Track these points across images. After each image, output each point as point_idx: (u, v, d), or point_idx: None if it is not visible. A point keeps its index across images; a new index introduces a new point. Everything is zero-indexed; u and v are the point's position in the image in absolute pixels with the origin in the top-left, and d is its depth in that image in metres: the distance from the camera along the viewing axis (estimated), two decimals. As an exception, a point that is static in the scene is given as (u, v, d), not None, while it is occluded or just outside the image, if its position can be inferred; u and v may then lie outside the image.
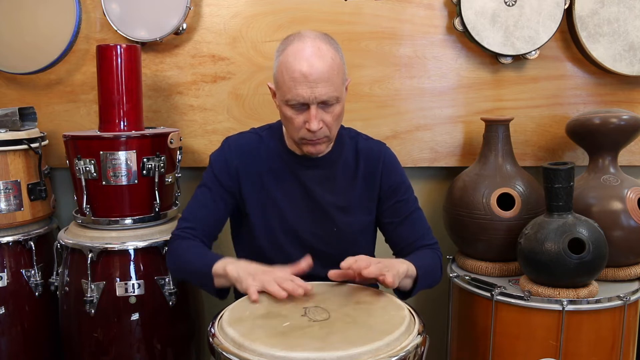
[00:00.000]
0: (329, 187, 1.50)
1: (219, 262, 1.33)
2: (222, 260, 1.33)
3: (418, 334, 1.14)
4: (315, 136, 1.37)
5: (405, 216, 1.52)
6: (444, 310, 1.97)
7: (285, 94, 1.35)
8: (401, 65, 2.06)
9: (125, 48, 1.80)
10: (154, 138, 1.79)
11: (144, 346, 1.76)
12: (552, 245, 1.57)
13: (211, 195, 1.49)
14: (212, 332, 1.16)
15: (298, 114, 1.36)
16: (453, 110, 2.08)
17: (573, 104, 2.06)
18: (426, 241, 1.51)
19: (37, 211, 1.91)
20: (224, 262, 1.32)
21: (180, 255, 1.44)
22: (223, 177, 1.49)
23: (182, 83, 2.10)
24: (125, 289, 1.73)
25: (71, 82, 2.12)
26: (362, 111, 2.07)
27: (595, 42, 1.95)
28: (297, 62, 1.31)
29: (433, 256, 1.49)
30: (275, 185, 1.49)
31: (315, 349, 1.03)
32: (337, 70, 1.35)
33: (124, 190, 1.77)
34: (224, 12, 2.06)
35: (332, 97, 1.34)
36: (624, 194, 1.73)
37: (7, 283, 1.83)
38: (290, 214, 1.49)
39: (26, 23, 2.03)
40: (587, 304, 1.59)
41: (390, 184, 1.52)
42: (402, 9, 2.03)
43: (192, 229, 1.46)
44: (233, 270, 1.29)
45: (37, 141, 1.89)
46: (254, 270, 1.28)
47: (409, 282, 1.37)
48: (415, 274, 1.37)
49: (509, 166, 1.87)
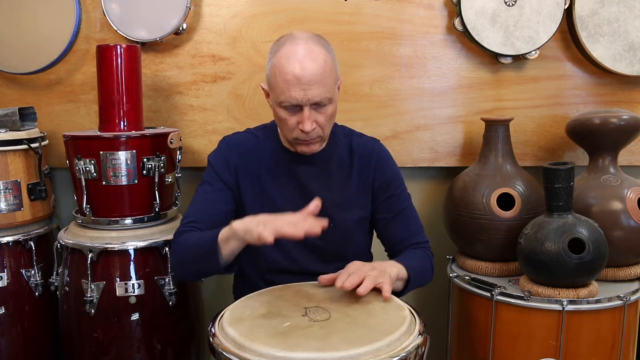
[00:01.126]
0: (324, 183, 1.51)
1: (224, 229, 1.29)
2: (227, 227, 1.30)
3: (419, 334, 1.14)
4: (309, 136, 1.39)
5: (397, 212, 1.53)
6: (444, 310, 1.97)
7: (278, 96, 1.36)
8: (401, 65, 2.06)
9: (125, 48, 1.80)
10: (154, 138, 1.79)
11: (144, 346, 1.76)
12: (552, 245, 1.57)
13: (212, 190, 1.48)
14: (212, 332, 1.16)
15: (291, 115, 1.37)
16: (453, 110, 2.08)
17: (573, 104, 2.06)
18: (418, 239, 1.53)
19: (37, 211, 1.91)
20: (229, 225, 1.28)
21: (183, 246, 1.40)
22: (223, 173, 1.49)
23: (182, 83, 2.10)
24: (125, 289, 1.73)
25: (71, 82, 2.12)
26: (362, 111, 2.07)
27: (595, 42, 1.95)
28: (290, 65, 1.32)
29: (424, 256, 1.51)
30: (271, 183, 1.50)
31: (315, 349, 1.03)
32: (329, 71, 1.36)
33: (124, 190, 1.76)
34: (224, 12, 2.06)
35: (324, 98, 1.35)
36: (624, 194, 1.73)
37: (7, 283, 1.83)
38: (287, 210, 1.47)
39: (26, 23, 2.03)
40: (587, 304, 1.59)
41: (383, 179, 1.53)
42: (402, 9, 2.03)
43: (195, 222, 1.44)
44: (240, 224, 1.24)
45: (37, 141, 1.89)
46: (263, 219, 1.23)
47: (400, 284, 1.39)
48: (407, 276, 1.39)
49: (509, 166, 1.87)
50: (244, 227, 1.23)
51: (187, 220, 1.46)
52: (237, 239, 1.26)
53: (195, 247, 1.37)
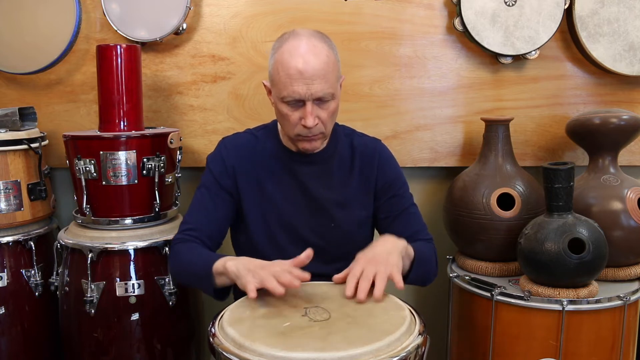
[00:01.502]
0: (325, 182, 1.51)
1: (219, 260, 1.32)
2: (222, 259, 1.33)
3: (419, 334, 1.14)
4: (311, 132, 1.39)
5: (400, 211, 1.53)
6: (444, 310, 1.97)
7: (281, 90, 1.36)
8: (401, 65, 2.06)
9: (125, 48, 1.80)
10: (154, 138, 1.79)
11: (144, 346, 1.76)
12: (552, 245, 1.57)
13: (210, 196, 1.49)
14: (212, 332, 1.16)
15: (294, 110, 1.37)
16: (453, 110, 2.08)
17: (573, 104, 2.06)
18: (422, 236, 1.52)
19: (37, 211, 1.91)
20: (224, 260, 1.32)
21: (181, 258, 1.44)
22: (221, 177, 1.49)
23: (182, 83, 2.10)
24: (125, 289, 1.73)
25: (71, 82, 2.12)
26: (362, 111, 2.07)
27: (595, 42, 1.95)
28: (293, 59, 1.33)
29: (429, 247, 1.50)
30: (272, 183, 1.50)
31: (315, 349, 1.03)
32: (332, 67, 1.36)
33: (124, 190, 1.76)
34: (224, 12, 2.06)
35: (327, 94, 1.36)
36: (624, 194, 1.73)
37: (7, 283, 1.83)
38: (287, 211, 1.49)
39: (26, 23, 2.03)
40: (587, 304, 1.59)
41: (386, 180, 1.53)
42: (402, 9, 2.03)
43: (193, 230, 1.46)
44: (233, 267, 1.28)
45: (37, 141, 1.89)
46: (253, 267, 1.27)
47: (407, 262, 1.38)
48: (413, 255, 1.38)
49: (509, 166, 1.87)
50: (236, 271, 1.26)
51: (186, 227, 1.48)
52: (228, 278, 1.30)
53: (191, 266, 1.41)
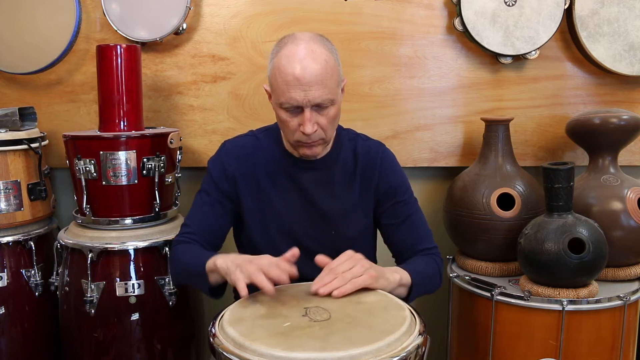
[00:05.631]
0: (326, 189, 1.48)
1: (211, 259, 1.32)
2: (213, 256, 1.33)
3: (419, 334, 1.14)
4: (310, 139, 1.36)
5: (404, 218, 1.50)
6: (444, 310, 1.97)
7: (279, 97, 1.34)
8: (401, 65, 2.06)
9: (125, 48, 1.80)
10: (154, 138, 1.79)
11: (144, 346, 1.76)
12: (552, 245, 1.57)
13: (210, 202, 1.48)
14: (212, 332, 1.16)
15: (293, 116, 1.35)
16: (453, 110, 2.08)
17: (573, 104, 2.07)
18: (426, 245, 1.49)
19: (37, 211, 1.91)
20: (215, 257, 1.32)
21: (179, 259, 1.44)
22: (221, 183, 1.48)
23: (182, 83, 2.10)
24: (125, 289, 1.73)
25: (71, 82, 2.12)
26: (362, 111, 2.07)
27: (595, 42, 1.95)
28: (290, 65, 1.30)
29: (431, 263, 1.47)
30: (272, 189, 1.48)
31: (315, 349, 1.03)
32: (331, 73, 1.32)
33: (124, 190, 1.76)
34: (224, 12, 2.06)
35: (326, 100, 1.32)
36: (624, 194, 1.73)
37: (7, 283, 1.83)
38: (288, 217, 1.48)
39: (26, 23, 2.03)
40: (587, 304, 1.59)
41: (389, 185, 1.50)
42: (402, 9, 2.03)
43: (193, 233, 1.47)
44: (222, 263, 1.28)
45: (37, 141, 1.89)
46: (241, 261, 1.25)
47: (404, 290, 1.36)
48: (410, 282, 1.36)
49: (509, 166, 1.87)
50: (225, 268, 1.27)
51: (186, 230, 1.49)
52: (219, 275, 1.31)
53: (187, 266, 1.42)
